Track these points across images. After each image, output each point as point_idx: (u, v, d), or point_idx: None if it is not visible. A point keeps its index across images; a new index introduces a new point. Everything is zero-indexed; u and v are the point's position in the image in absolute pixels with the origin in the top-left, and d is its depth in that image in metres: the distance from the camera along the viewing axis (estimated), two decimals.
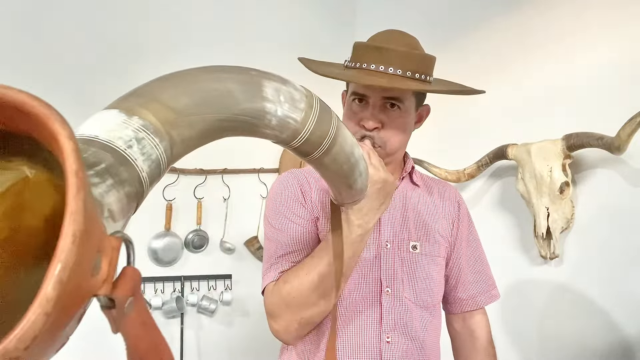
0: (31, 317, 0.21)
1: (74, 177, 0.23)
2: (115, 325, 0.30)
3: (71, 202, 0.22)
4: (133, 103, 0.35)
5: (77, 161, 0.23)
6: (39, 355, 0.23)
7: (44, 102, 0.24)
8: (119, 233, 0.29)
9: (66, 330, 0.25)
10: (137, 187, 0.31)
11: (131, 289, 0.30)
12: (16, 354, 0.21)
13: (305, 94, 0.51)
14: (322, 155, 0.56)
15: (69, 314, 0.25)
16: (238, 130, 0.44)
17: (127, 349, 0.33)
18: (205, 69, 0.42)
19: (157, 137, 0.34)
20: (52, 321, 0.22)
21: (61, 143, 0.23)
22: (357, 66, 0.96)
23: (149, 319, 0.34)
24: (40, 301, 0.21)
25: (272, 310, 0.95)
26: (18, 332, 0.21)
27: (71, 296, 0.23)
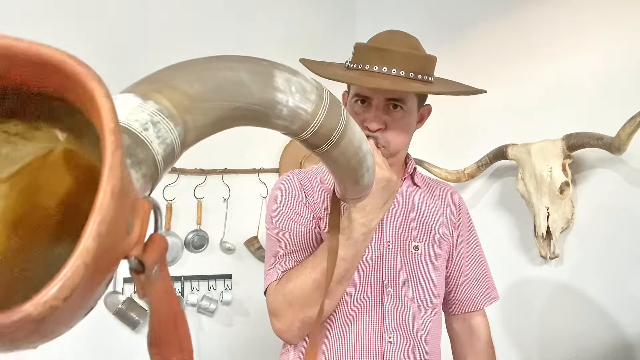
0: (72, 267, 0.21)
1: (112, 134, 0.23)
2: (142, 290, 0.31)
3: (109, 158, 0.22)
4: (148, 88, 0.35)
5: (113, 119, 0.23)
6: (72, 312, 0.23)
7: (81, 61, 0.24)
8: (149, 197, 0.29)
9: (98, 292, 0.26)
10: (152, 170, 0.32)
11: (159, 255, 0.31)
12: (56, 304, 0.21)
13: (315, 86, 0.51)
14: (330, 148, 0.56)
15: (105, 271, 0.25)
16: (249, 119, 0.44)
17: (150, 316, 0.34)
18: (218, 57, 0.43)
19: (172, 121, 0.34)
20: (90, 275, 0.22)
21: (98, 102, 0.23)
22: (359, 67, 0.96)
23: (172, 289, 0.34)
24: (81, 252, 0.21)
25: (274, 308, 0.95)
26: (58, 280, 0.21)
27: (107, 252, 0.23)
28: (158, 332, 0.34)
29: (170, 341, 0.35)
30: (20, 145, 0.29)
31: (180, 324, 0.35)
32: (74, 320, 0.25)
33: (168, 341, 0.34)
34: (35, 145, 0.29)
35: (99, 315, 2.03)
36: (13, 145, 0.29)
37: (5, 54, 0.23)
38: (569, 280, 1.68)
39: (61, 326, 0.24)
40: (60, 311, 0.21)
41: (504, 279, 1.84)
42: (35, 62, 0.23)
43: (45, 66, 0.24)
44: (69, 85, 0.24)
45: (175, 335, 0.35)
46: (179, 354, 0.35)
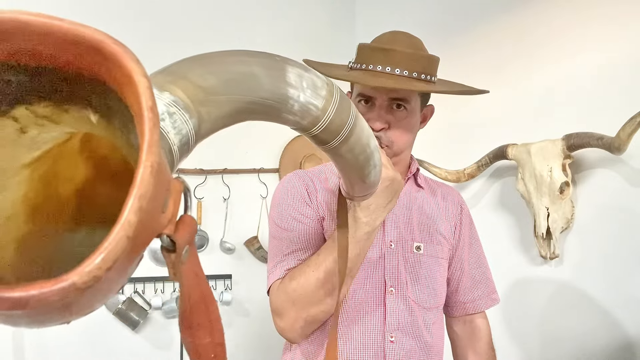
0: (115, 238, 0.21)
1: (150, 112, 0.23)
2: (173, 270, 0.31)
3: (148, 135, 0.23)
4: (163, 80, 0.35)
5: (151, 98, 0.23)
6: (110, 285, 0.24)
7: (119, 41, 0.24)
8: (180, 178, 0.29)
9: (131, 268, 0.26)
10: (169, 159, 0.32)
11: (189, 235, 0.31)
12: (99, 274, 0.21)
13: (326, 82, 0.51)
14: (340, 144, 0.56)
15: (141, 246, 0.25)
16: (261, 113, 0.44)
17: (180, 298, 0.34)
18: (231, 52, 0.43)
19: (187, 112, 0.34)
20: (130, 247, 0.22)
21: (136, 80, 0.23)
22: (363, 67, 0.96)
23: (201, 271, 0.35)
24: (123, 224, 0.21)
25: (277, 307, 0.95)
26: (102, 250, 0.21)
27: (145, 228, 0.24)
28: (190, 314, 0.34)
29: (202, 323, 0.35)
30: (46, 129, 0.29)
31: (210, 305, 0.35)
32: (109, 295, 0.26)
33: (199, 323, 0.35)
34: (59, 130, 0.29)
35: (99, 315, 2.02)
36: (40, 128, 0.29)
37: (43, 32, 0.23)
38: (569, 280, 1.68)
39: (99, 298, 0.24)
40: (102, 282, 0.22)
41: (504, 279, 1.85)
42: (74, 41, 0.24)
43: (83, 46, 0.24)
44: (106, 65, 0.24)
45: (206, 318, 0.35)
46: (210, 336, 0.35)
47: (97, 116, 0.27)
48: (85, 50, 0.24)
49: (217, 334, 0.37)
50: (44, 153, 0.30)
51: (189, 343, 0.35)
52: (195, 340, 0.35)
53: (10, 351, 1.85)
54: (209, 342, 0.35)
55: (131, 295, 2.09)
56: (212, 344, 0.36)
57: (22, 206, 0.29)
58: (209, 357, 0.36)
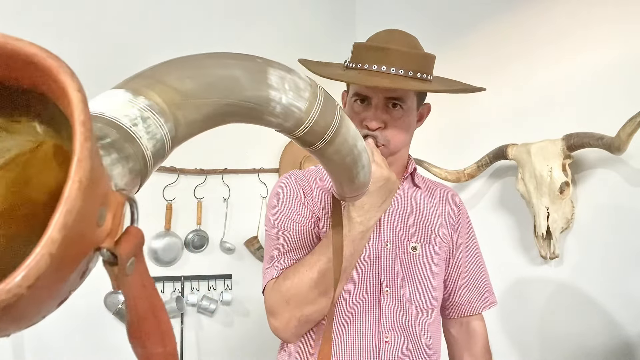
0: (36, 256, 0.21)
1: (82, 126, 0.23)
2: (116, 282, 0.31)
3: (78, 149, 0.23)
4: (139, 84, 0.35)
5: (84, 112, 0.23)
6: (41, 302, 0.24)
7: (53, 55, 0.24)
8: (124, 191, 0.29)
9: (69, 283, 0.26)
10: (141, 165, 0.32)
11: (134, 247, 0.30)
12: (20, 291, 0.21)
13: (309, 84, 0.51)
14: (325, 145, 0.56)
15: (73, 262, 0.25)
16: (242, 116, 0.44)
17: (126, 309, 0.34)
18: (211, 54, 0.43)
19: (162, 117, 0.34)
20: (56, 265, 0.22)
21: (69, 94, 0.23)
22: (359, 67, 0.96)
23: (149, 282, 0.34)
24: (46, 242, 0.21)
25: (271, 307, 0.95)
26: (23, 269, 0.21)
27: (75, 243, 0.24)
28: (137, 324, 0.34)
29: (151, 333, 0.35)
30: (3, 138, 0.29)
31: (160, 316, 0.35)
32: (44, 309, 0.25)
33: (149, 333, 0.34)
34: (19, 139, 0.29)
35: (99, 315, 2.03)
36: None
37: None
38: (569, 280, 1.67)
39: (31, 314, 0.24)
40: (26, 299, 0.21)
41: (504, 279, 1.84)
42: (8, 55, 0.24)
43: (17, 60, 0.24)
44: (42, 78, 0.24)
45: (156, 328, 0.35)
46: (161, 346, 0.35)
47: (43, 126, 0.27)
48: (21, 64, 0.24)
49: (169, 344, 0.36)
50: (9, 161, 0.30)
51: (140, 353, 0.35)
52: (146, 350, 0.35)
53: (10, 351, 1.86)
54: (161, 352, 0.35)
55: None
56: (164, 354, 0.36)
57: None
58: None
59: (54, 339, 1.93)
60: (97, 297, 2.03)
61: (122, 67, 2.11)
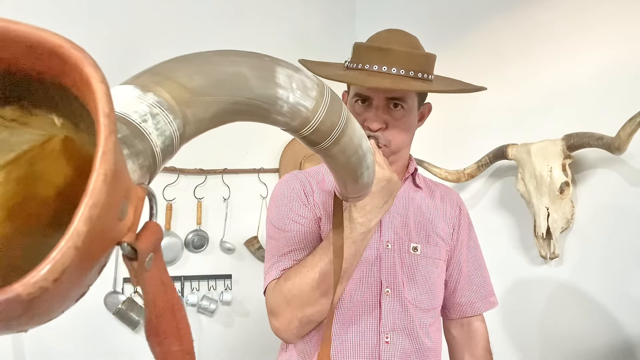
0: (62, 249, 0.21)
1: (106, 118, 0.23)
2: (135, 278, 0.31)
3: (103, 142, 0.22)
4: (148, 80, 0.35)
5: (108, 104, 0.23)
6: (63, 296, 0.24)
7: (78, 46, 0.24)
8: (144, 184, 0.29)
9: (89, 277, 0.26)
10: (150, 161, 0.32)
11: (153, 243, 0.30)
12: (45, 285, 0.21)
13: (317, 83, 0.51)
14: (330, 145, 0.56)
15: (96, 256, 0.25)
16: (250, 114, 0.44)
17: (145, 305, 0.34)
18: (219, 52, 0.43)
19: (171, 114, 0.34)
20: (80, 258, 0.22)
21: (93, 86, 0.23)
22: (359, 67, 0.96)
23: (168, 279, 0.34)
24: (72, 235, 0.21)
25: (273, 307, 0.95)
26: (49, 261, 0.21)
27: (99, 237, 0.23)
28: (156, 321, 0.34)
29: (169, 330, 0.34)
30: (17, 131, 0.29)
31: (178, 313, 0.35)
32: (65, 304, 0.25)
33: (166, 330, 0.34)
34: (32, 132, 0.29)
35: (99, 315, 2.03)
36: (10, 131, 0.29)
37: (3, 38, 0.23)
38: (569, 281, 1.67)
39: (52, 308, 0.24)
40: (50, 293, 0.21)
41: (504, 279, 1.84)
42: (32, 45, 0.23)
43: (42, 50, 0.24)
44: (65, 69, 0.24)
45: (173, 325, 0.35)
46: (178, 344, 0.35)
47: (61, 120, 0.27)
48: (45, 54, 0.24)
49: (186, 342, 0.36)
50: (20, 155, 0.30)
51: (157, 351, 0.35)
52: (163, 348, 0.34)
53: (11, 351, 1.85)
54: (177, 350, 0.35)
55: (131, 295, 2.09)
56: (181, 352, 0.36)
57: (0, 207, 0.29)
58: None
59: (54, 339, 1.92)
60: (97, 297, 2.03)
61: (123, 67, 2.13)
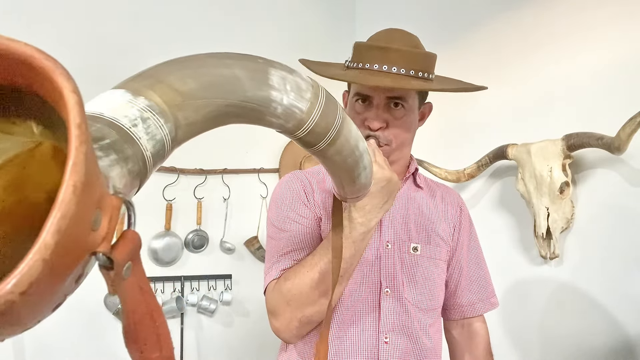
0: (29, 262, 0.21)
1: (77, 129, 0.23)
2: (112, 287, 0.30)
3: (73, 153, 0.22)
4: (139, 84, 0.35)
5: (80, 114, 0.23)
6: (34, 307, 0.23)
7: (49, 56, 0.24)
8: (120, 194, 0.29)
9: (64, 288, 0.25)
10: (140, 166, 0.32)
11: (130, 252, 0.30)
12: (12, 298, 0.21)
13: (311, 84, 0.51)
14: (326, 146, 0.56)
15: (67, 268, 0.25)
16: (243, 117, 0.44)
17: (123, 313, 0.34)
18: (212, 54, 0.42)
19: (162, 118, 0.34)
20: (49, 270, 0.22)
21: (65, 96, 0.23)
22: (360, 66, 0.96)
23: (146, 286, 0.34)
24: (39, 248, 0.21)
25: (273, 307, 0.95)
26: (15, 274, 0.21)
27: (69, 248, 0.23)
28: (134, 328, 0.34)
29: (148, 338, 0.34)
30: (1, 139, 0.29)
31: (158, 321, 0.35)
32: (39, 314, 0.25)
33: (145, 337, 0.34)
34: (16, 140, 0.29)
35: (99, 315, 2.03)
36: None
37: None
38: (569, 280, 1.67)
39: (25, 319, 0.24)
40: (18, 305, 0.21)
41: (504, 279, 1.84)
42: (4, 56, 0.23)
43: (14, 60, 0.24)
44: (38, 80, 0.24)
45: (153, 332, 0.35)
46: (158, 351, 0.35)
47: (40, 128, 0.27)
48: (17, 65, 0.24)
49: (166, 348, 0.36)
50: (8, 160, 0.30)
51: (137, 358, 0.35)
52: (143, 354, 0.34)
53: (11, 351, 1.86)
54: (157, 356, 0.35)
55: None
56: (161, 358, 0.36)
57: None
58: None
59: (54, 339, 1.92)
60: (97, 297, 2.03)
61: (120, 68, 2.13)
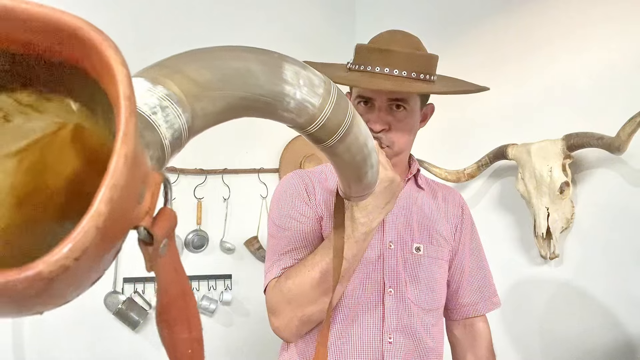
0: (83, 228, 0.21)
1: (127, 100, 0.23)
2: (149, 263, 0.31)
3: (124, 124, 0.22)
4: (158, 73, 0.35)
5: (129, 87, 0.23)
6: (82, 277, 0.24)
7: (98, 29, 0.24)
8: (161, 171, 0.29)
9: (106, 260, 0.26)
10: (159, 153, 0.32)
11: (168, 229, 0.30)
12: (67, 263, 0.21)
13: (323, 80, 0.51)
14: (336, 143, 0.56)
15: (115, 238, 0.25)
16: (257, 110, 0.44)
17: (158, 292, 0.34)
18: (228, 47, 0.43)
19: (180, 107, 0.34)
20: (100, 239, 0.22)
21: (114, 69, 0.23)
22: (361, 69, 0.96)
23: (180, 266, 0.34)
24: (93, 215, 0.21)
25: (273, 306, 0.95)
26: (70, 240, 0.21)
27: (118, 218, 0.23)
28: (167, 308, 0.34)
29: (179, 318, 0.35)
30: (32, 117, 0.29)
31: (189, 301, 0.35)
32: (82, 285, 0.25)
33: (176, 317, 0.34)
34: (46, 119, 0.29)
35: (99, 315, 2.03)
36: (25, 117, 0.29)
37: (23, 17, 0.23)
38: (569, 281, 1.68)
39: (70, 289, 0.24)
40: (71, 272, 0.21)
41: (504, 279, 1.84)
42: (53, 27, 0.23)
43: (61, 32, 0.24)
44: (84, 52, 0.24)
45: (184, 312, 0.35)
46: (187, 331, 0.35)
47: (77, 104, 0.27)
48: (65, 37, 0.24)
49: (195, 329, 0.36)
50: (32, 143, 0.30)
51: (167, 338, 0.35)
52: (172, 335, 0.35)
53: (11, 351, 1.85)
54: (186, 337, 0.35)
55: (131, 295, 2.09)
56: (190, 340, 0.36)
57: (8, 196, 0.29)
58: (186, 352, 0.36)
59: (54, 339, 1.92)
60: (97, 297, 2.03)
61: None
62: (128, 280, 2.09)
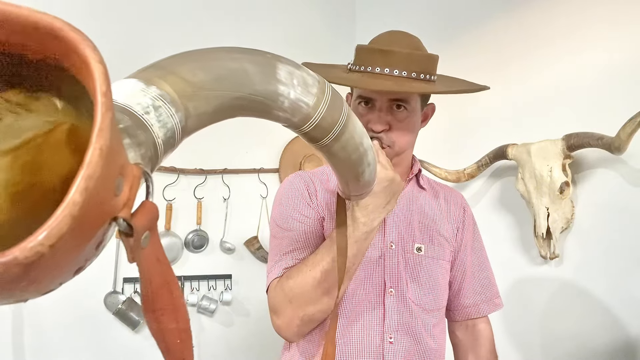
0: (58, 216, 0.22)
1: (103, 96, 0.24)
2: (131, 254, 0.31)
3: (99, 118, 0.23)
4: (151, 74, 0.35)
5: (105, 83, 0.24)
6: (59, 265, 0.24)
7: (76, 28, 0.25)
8: (140, 164, 0.29)
9: (86, 250, 0.26)
10: (152, 152, 0.32)
11: (149, 221, 0.31)
12: (42, 250, 0.21)
13: (318, 80, 0.51)
14: (331, 142, 0.56)
15: (91, 228, 0.25)
16: (251, 110, 0.45)
17: (140, 282, 0.34)
18: (222, 48, 0.43)
19: (173, 107, 0.34)
20: (76, 227, 0.23)
21: (91, 67, 0.24)
22: (362, 69, 0.96)
23: (163, 257, 0.35)
24: (68, 204, 0.22)
25: (274, 305, 0.96)
26: (46, 227, 0.21)
27: (94, 208, 0.24)
28: (152, 299, 0.34)
29: (165, 308, 0.35)
30: (22, 117, 0.29)
31: (174, 291, 0.36)
32: (63, 274, 0.26)
33: (162, 307, 0.35)
34: (36, 118, 0.30)
35: (99, 315, 2.03)
36: (16, 116, 0.29)
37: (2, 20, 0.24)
38: (569, 281, 1.68)
39: (49, 277, 0.25)
40: (47, 258, 0.22)
41: (505, 280, 1.84)
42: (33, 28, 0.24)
43: (42, 33, 0.24)
44: (65, 51, 0.25)
45: (170, 303, 0.35)
46: (175, 322, 0.36)
47: (62, 103, 0.28)
48: (46, 37, 0.25)
49: (182, 319, 0.37)
50: (26, 142, 0.30)
51: (154, 328, 0.35)
52: (160, 325, 0.35)
53: (10, 351, 1.85)
54: (174, 327, 0.36)
55: (131, 295, 2.09)
56: (177, 330, 0.36)
57: (4, 193, 0.30)
58: (175, 342, 0.37)
59: (54, 339, 1.92)
60: (97, 297, 2.03)
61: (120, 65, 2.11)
62: (128, 280, 2.09)
